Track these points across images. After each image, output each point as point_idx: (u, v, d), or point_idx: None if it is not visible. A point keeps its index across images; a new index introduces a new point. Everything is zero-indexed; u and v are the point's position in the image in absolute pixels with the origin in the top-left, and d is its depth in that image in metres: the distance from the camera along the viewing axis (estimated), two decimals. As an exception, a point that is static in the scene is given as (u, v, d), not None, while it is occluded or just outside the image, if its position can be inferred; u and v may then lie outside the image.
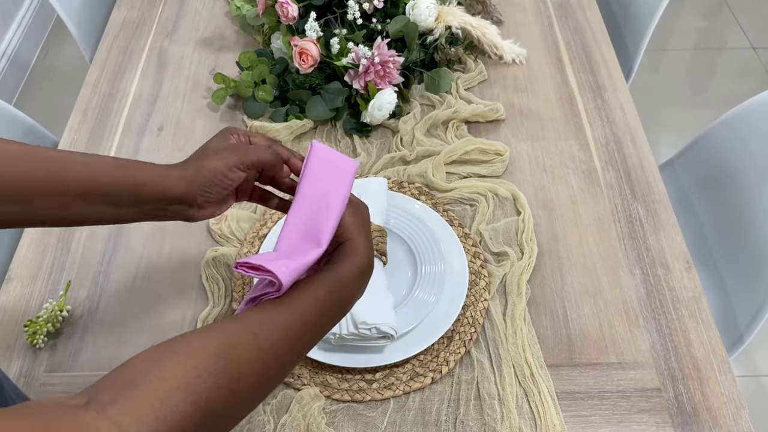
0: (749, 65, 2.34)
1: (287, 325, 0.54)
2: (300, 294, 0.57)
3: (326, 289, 0.58)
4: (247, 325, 0.52)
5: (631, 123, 1.06)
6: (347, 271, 0.60)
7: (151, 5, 1.31)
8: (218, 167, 0.62)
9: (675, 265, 0.88)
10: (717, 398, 0.76)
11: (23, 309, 0.85)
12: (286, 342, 0.54)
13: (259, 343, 0.51)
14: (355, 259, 0.60)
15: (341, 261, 0.60)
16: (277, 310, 0.55)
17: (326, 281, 0.58)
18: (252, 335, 0.51)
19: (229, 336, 0.50)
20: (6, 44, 2.29)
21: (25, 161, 0.57)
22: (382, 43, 1.01)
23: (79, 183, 0.58)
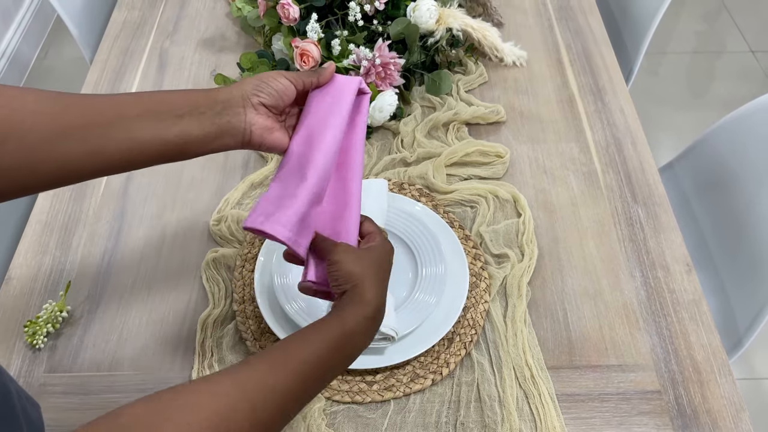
0: (748, 69, 2.35)
1: (285, 390, 0.52)
2: (302, 350, 0.54)
3: (330, 345, 0.56)
4: (245, 392, 0.49)
5: (632, 126, 1.06)
6: (353, 322, 0.58)
7: (152, 6, 1.31)
8: (268, 73, 0.63)
9: (675, 267, 0.88)
10: (717, 401, 0.76)
11: (23, 309, 0.85)
12: (282, 412, 0.52)
13: (255, 417, 0.49)
14: (362, 308, 0.58)
15: (347, 308, 0.58)
16: (276, 372, 0.52)
17: (330, 335, 0.56)
18: (249, 406, 0.48)
19: (226, 405, 0.47)
20: (6, 44, 2.29)
21: (82, 98, 0.57)
22: (383, 45, 1.01)
23: (138, 104, 0.57)
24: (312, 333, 0.56)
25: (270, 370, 0.52)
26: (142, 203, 0.97)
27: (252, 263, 0.87)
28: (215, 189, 0.98)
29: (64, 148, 0.54)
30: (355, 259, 0.61)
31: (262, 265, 0.85)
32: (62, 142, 0.54)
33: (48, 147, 0.53)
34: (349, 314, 0.58)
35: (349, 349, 0.58)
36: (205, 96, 0.61)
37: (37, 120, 0.53)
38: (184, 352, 0.81)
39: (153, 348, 0.81)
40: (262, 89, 0.62)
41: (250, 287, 0.85)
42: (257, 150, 0.66)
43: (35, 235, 0.93)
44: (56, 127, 0.54)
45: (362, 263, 0.61)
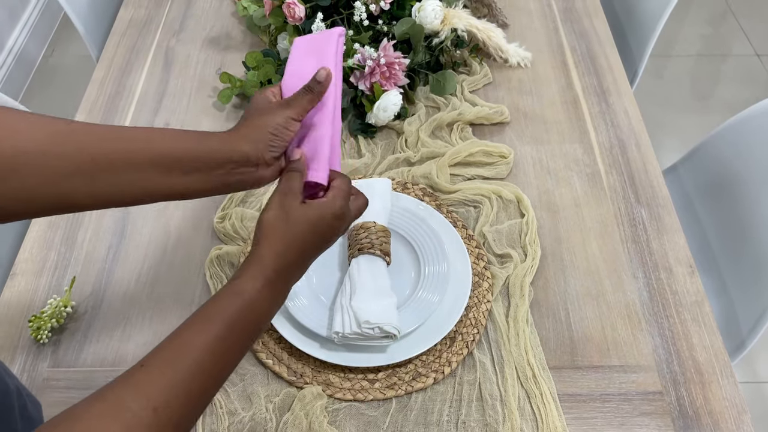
0: (753, 72, 2.35)
1: (187, 384, 0.49)
2: (199, 338, 0.51)
3: (228, 324, 0.52)
4: (146, 399, 0.47)
5: (636, 127, 1.06)
6: (251, 291, 0.54)
7: (158, 4, 1.31)
8: (278, 121, 0.61)
9: (678, 269, 0.88)
10: (719, 402, 0.76)
11: (28, 304, 0.85)
12: (188, 404, 0.49)
13: (159, 419, 0.47)
14: (259, 270, 0.55)
15: (244, 274, 0.55)
16: (175, 368, 0.50)
17: (227, 314, 0.53)
18: (151, 412, 0.46)
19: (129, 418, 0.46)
20: (12, 42, 2.30)
21: (94, 137, 0.55)
22: (387, 45, 1.01)
23: (147, 153, 0.56)
24: (207, 314, 0.53)
25: (167, 368, 0.49)
26: (146, 200, 0.97)
27: (255, 261, 0.88)
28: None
29: (67, 189, 0.54)
30: (279, 213, 0.58)
31: (265, 263, 0.85)
32: (67, 184, 0.54)
33: (51, 187, 0.53)
34: (246, 280, 0.55)
35: (252, 323, 0.55)
36: (218, 154, 0.59)
37: (45, 161, 0.52)
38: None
39: (156, 343, 0.81)
40: (275, 145, 0.61)
41: (253, 284, 0.85)
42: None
43: (40, 231, 0.93)
44: (62, 170, 0.53)
45: (283, 221, 0.58)
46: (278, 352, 0.80)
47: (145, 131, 0.59)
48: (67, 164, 0.53)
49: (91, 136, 0.55)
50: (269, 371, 0.79)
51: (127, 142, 0.56)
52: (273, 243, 0.57)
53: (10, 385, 0.57)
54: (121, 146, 0.56)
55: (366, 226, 0.80)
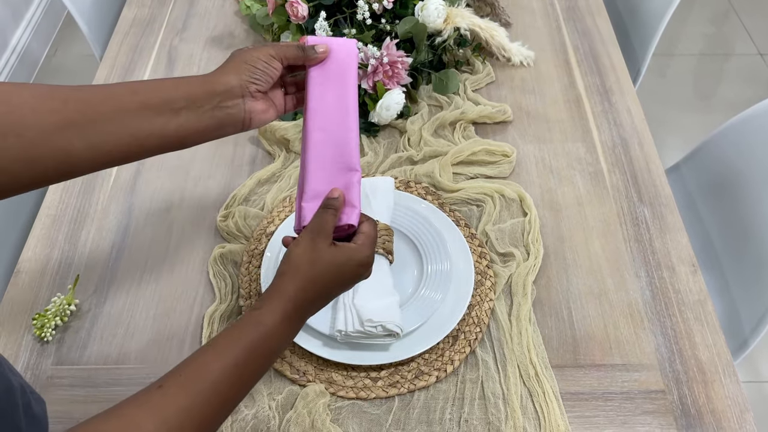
0: (756, 71, 2.34)
1: (202, 408, 0.51)
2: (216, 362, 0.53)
3: (245, 351, 0.54)
4: (162, 419, 0.48)
5: (638, 126, 1.06)
6: (270, 322, 0.56)
7: (162, 3, 1.32)
8: (257, 56, 0.62)
9: (681, 268, 0.88)
10: (721, 401, 0.76)
11: (32, 302, 0.86)
12: (205, 425, 0.51)
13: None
14: (280, 304, 0.57)
15: (266, 304, 0.57)
16: (191, 392, 0.51)
17: (245, 342, 0.55)
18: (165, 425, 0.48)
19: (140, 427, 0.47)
20: (16, 41, 2.31)
21: (80, 92, 0.56)
22: (390, 44, 1.01)
23: (134, 98, 0.57)
24: (225, 341, 0.55)
25: (184, 391, 0.51)
26: (150, 198, 0.97)
27: (258, 259, 0.88)
28: (223, 185, 0.99)
29: (62, 143, 0.54)
30: (306, 249, 0.60)
31: (268, 261, 0.85)
32: (61, 138, 0.54)
33: (47, 142, 0.54)
34: (267, 312, 0.57)
35: (268, 353, 0.57)
36: (202, 88, 0.60)
37: (36, 116, 0.53)
38: (190, 347, 0.81)
39: (160, 342, 0.82)
40: (258, 77, 0.62)
41: (256, 283, 0.86)
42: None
43: (44, 229, 0.94)
44: (55, 123, 0.54)
45: (309, 258, 0.59)
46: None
47: (129, 83, 0.60)
48: (58, 118, 0.54)
49: (78, 92, 0.56)
50: (272, 369, 0.79)
51: (112, 91, 0.57)
52: (297, 279, 0.58)
53: (14, 383, 0.57)
54: (108, 94, 0.57)
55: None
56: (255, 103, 0.63)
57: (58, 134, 0.54)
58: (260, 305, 0.57)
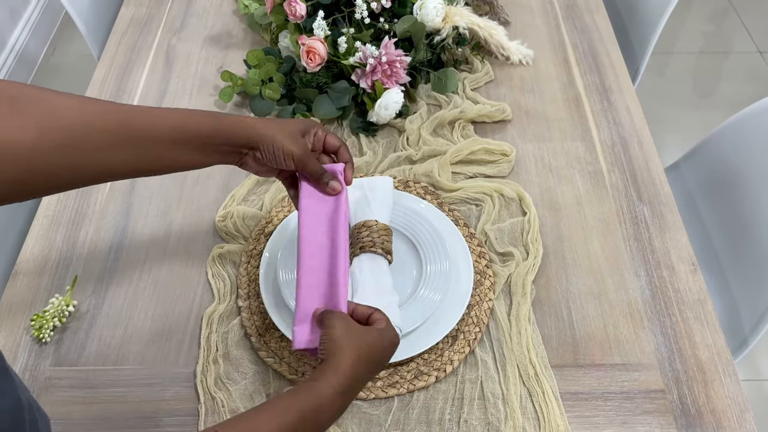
0: (756, 69, 2.34)
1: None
2: (271, 422, 0.55)
3: (299, 416, 0.56)
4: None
5: (638, 125, 1.06)
6: (325, 394, 0.58)
7: (159, 3, 1.31)
8: (283, 149, 0.69)
9: (680, 267, 0.88)
10: (721, 401, 0.76)
11: (30, 303, 0.85)
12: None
13: None
14: (336, 378, 0.59)
15: (321, 378, 0.59)
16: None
17: (300, 407, 0.57)
18: None
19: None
20: (14, 40, 2.30)
21: (132, 115, 0.63)
22: (389, 43, 1.01)
23: (172, 134, 0.64)
24: (282, 403, 0.57)
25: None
26: (148, 199, 0.97)
27: (257, 259, 0.88)
28: (221, 185, 0.98)
29: (105, 159, 0.62)
30: (347, 329, 0.63)
31: (267, 261, 0.85)
32: (107, 153, 0.61)
33: (93, 158, 0.61)
34: (323, 384, 0.59)
35: (318, 425, 0.58)
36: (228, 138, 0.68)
37: (89, 134, 0.60)
38: (189, 347, 0.81)
39: (158, 343, 0.82)
40: (271, 160, 0.70)
41: (255, 283, 0.85)
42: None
43: (42, 230, 0.93)
44: (103, 143, 0.61)
45: (352, 335, 0.62)
46: (279, 350, 0.80)
47: (173, 116, 0.66)
48: (106, 138, 0.60)
49: (126, 115, 0.63)
50: (271, 370, 0.79)
51: (155, 120, 0.64)
52: (349, 353, 0.61)
53: (23, 400, 0.57)
54: (150, 123, 0.64)
55: (368, 224, 0.80)
56: (254, 163, 0.71)
57: (102, 153, 0.61)
58: (317, 377, 0.59)
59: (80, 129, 0.59)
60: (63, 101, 0.59)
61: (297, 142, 0.70)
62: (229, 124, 0.68)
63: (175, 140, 0.65)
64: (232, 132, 0.68)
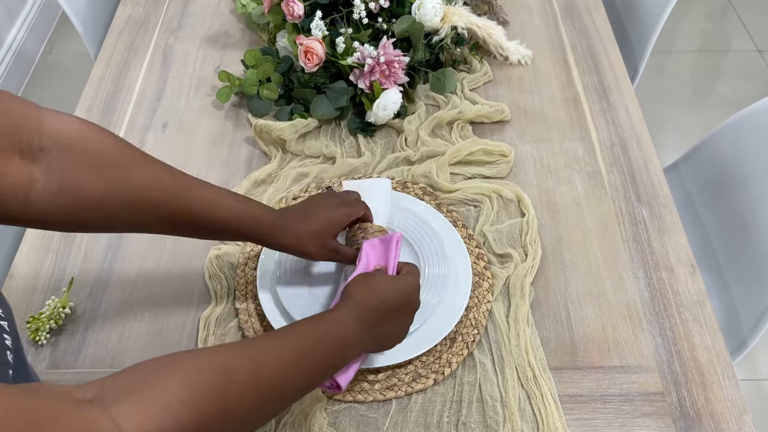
0: (754, 68, 2.34)
1: (284, 355, 0.57)
2: (300, 326, 0.61)
3: (322, 327, 0.62)
4: (248, 351, 0.54)
5: (637, 125, 1.05)
6: (339, 309, 0.65)
7: (157, 2, 1.31)
8: (313, 253, 0.75)
9: (679, 268, 0.88)
10: (720, 403, 0.75)
11: (26, 305, 0.85)
12: (283, 372, 0.56)
13: (258, 370, 0.53)
14: (347, 303, 0.66)
15: (335, 308, 0.66)
16: (276, 339, 0.59)
17: (323, 319, 0.63)
18: (252, 362, 0.53)
19: (231, 359, 0.52)
20: (11, 39, 2.30)
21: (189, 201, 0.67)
22: (387, 43, 1.01)
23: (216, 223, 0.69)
24: (300, 322, 0.63)
25: (270, 337, 0.60)
26: (145, 200, 0.97)
27: (254, 261, 0.87)
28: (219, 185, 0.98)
29: (157, 228, 0.68)
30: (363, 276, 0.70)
31: (264, 263, 0.85)
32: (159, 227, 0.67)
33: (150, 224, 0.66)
34: (338, 308, 0.65)
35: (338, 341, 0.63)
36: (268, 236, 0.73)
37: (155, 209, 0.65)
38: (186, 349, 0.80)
39: (155, 344, 0.81)
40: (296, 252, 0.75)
41: (252, 285, 0.85)
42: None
43: (39, 232, 0.93)
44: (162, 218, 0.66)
45: (368, 276, 0.70)
46: (278, 353, 0.79)
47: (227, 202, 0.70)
48: (165, 215, 0.66)
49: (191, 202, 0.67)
50: (269, 372, 0.78)
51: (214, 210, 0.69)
52: (360, 289, 0.67)
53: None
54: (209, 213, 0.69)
55: (363, 227, 0.80)
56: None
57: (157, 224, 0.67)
58: (334, 311, 0.65)
59: (144, 204, 0.64)
60: (142, 174, 0.64)
61: (322, 246, 0.75)
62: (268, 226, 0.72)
63: (217, 231, 0.71)
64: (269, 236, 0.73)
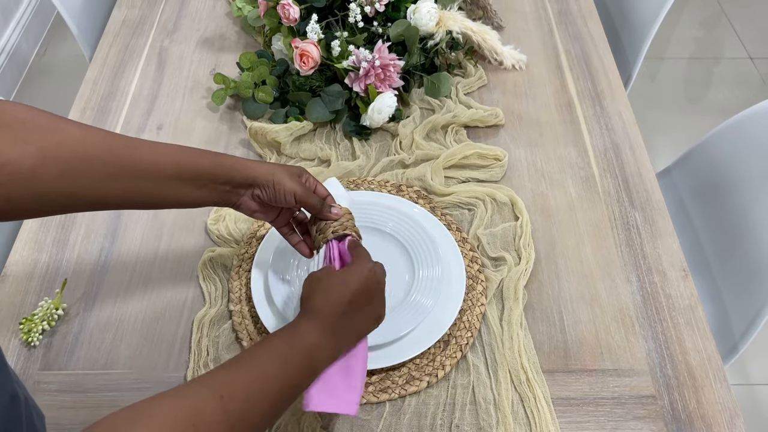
0: (746, 75, 2.36)
1: (248, 382, 0.56)
2: (263, 347, 0.60)
3: (286, 343, 0.61)
4: (213, 388, 0.54)
5: (630, 131, 1.06)
6: (300, 320, 0.63)
7: (152, 4, 1.31)
8: (285, 188, 0.70)
9: (671, 273, 0.88)
10: (712, 406, 0.76)
11: (18, 306, 0.85)
12: (248, 401, 0.55)
13: (225, 406, 0.52)
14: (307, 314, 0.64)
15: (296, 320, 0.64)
16: (239, 367, 0.57)
17: (286, 334, 0.62)
18: (218, 399, 0.53)
19: (197, 401, 0.52)
20: (5, 41, 2.29)
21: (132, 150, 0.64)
22: (382, 47, 1.01)
23: (175, 170, 0.65)
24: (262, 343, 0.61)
25: (233, 364, 0.57)
26: (139, 202, 0.96)
27: (249, 263, 0.87)
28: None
29: (103, 190, 0.62)
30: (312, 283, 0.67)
31: (258, 265, 0.85)
32: (103, 186, 0.62)
33: (92, 188, 0.61)
34: (303, 326, 0.63)
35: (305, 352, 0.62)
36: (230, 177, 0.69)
37: (92, 166, 0.61)
38: (179, 351, 0.80)
39: (149, 346, 0.81)
40: (271, 199, 0.71)
41: (246, 287, 0.85)
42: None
43: (32, 232, 0.93)
44: (103, 175, 0.62)
45: (321, 278, 0.67)
46: (271, 355, 0.79)
47: (173, 151, 0.67)
48: (108, 170, 0.62)
49: (130, 149, 0.64)
50: (262, 374, 0.78)
51: (158, 156, 0.65)
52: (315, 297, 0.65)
53: (20, 395, 0.57)
54: (153, 159, 0.65)
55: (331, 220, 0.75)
56: (252, 202, 0.72)
57: (102, 184, 0.62)
58: (295, 324, 0.64)
59: (82, 160, 0.60)
60: (70, 131, 0.60)
61: (296, 181, 0.71)
62: (231, 163, 0.69)
63: (176, 177, 0.66)
64: (233, 170, 0.69)
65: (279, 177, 0.70)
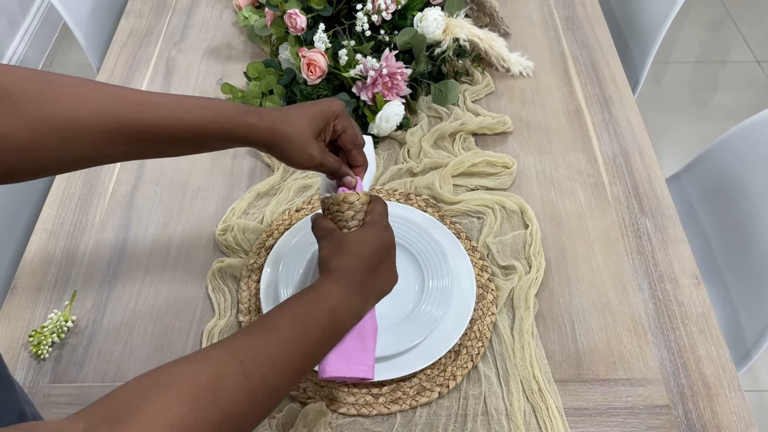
0: (753, 78, 2.35)
1: (270, 347, 0.54)
2: (279, 310, 0.58)
3: (310, 305, 0.60)
4: (233, 352, 0.52)
5: (639, 136, 1.05)
6: (321, 282, 0.62)
7: (159, 14, 1.31)
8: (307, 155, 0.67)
9: (683, 280, 0.87)
10: (726, 416, 0.75)
11: (28, 319, 0.85)
12: (272, 366, 0.53)
13: (246, 371, 0.51)
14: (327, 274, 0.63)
15: (317, 282, 0.63)
16: (260, 333, 0.55)
17: (308, 296, 0.60)
18: (238, 364, 0.51)
19: (216, 367, 0.50)
20: (12, 51, 2.30)
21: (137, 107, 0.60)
22: (389, 55, 1.01)
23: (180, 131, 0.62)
24: (288, 301, 0.61)
25: (254, 330, 0.56)
26: (148, 212, 0.96)
27: (258, 273, 0.87)
28: (221, 198, 0.98)
29: (109, 151, 0.60)
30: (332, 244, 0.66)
31: (267, 276, 0.84)
32: (110, 147, 0.60)
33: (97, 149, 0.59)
34: (319, 283, 0.63)
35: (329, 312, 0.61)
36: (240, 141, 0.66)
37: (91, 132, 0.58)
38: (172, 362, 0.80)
39: (158, 358, 0.81)
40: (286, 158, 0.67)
41: (255, 298, 0.85)
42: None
43: (41, 244, 0.93)
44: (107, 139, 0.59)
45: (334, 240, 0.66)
46: (281, 366, 0.79)
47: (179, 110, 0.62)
48: (108, 136, 0.59)
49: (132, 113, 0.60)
50: (272, 386, 0.78)
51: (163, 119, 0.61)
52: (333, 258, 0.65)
53: (28, 414, 0.57)
54: (157, 122, 0.61)
55: (348, 200, 0.69)
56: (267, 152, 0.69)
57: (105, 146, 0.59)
58: (316, 286, 0.62)
59: (79, 130, 0.57)
60: (63, 100, 0.56)
61: (312, 145, 0.67)
62: (242, 132, 0.64)
63: (183, 140, 0.62)
64: (244, 137, 0.65)
65: (298, 144, 0.66)
